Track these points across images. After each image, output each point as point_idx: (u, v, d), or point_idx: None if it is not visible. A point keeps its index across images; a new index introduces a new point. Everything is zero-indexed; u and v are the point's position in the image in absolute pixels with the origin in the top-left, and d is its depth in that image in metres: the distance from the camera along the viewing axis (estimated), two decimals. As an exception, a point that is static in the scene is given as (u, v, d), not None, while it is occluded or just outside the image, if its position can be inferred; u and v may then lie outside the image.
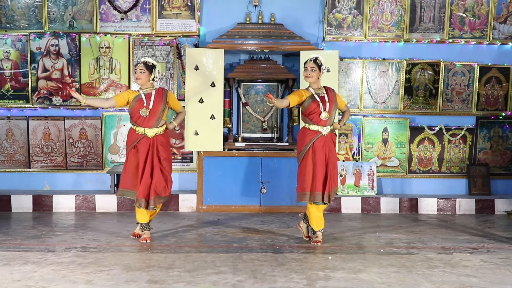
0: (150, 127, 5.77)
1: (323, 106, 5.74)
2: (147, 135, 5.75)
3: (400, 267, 4.76)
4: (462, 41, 8.38)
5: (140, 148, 5.74)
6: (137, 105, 5.73)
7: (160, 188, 5.76)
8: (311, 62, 5.77)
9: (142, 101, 5.74)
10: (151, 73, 5.83)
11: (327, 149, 5.79)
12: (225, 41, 7.85)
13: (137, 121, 5.75)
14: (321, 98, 5.78)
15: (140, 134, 5.75)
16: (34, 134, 8.13)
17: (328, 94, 5.84)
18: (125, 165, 5.84)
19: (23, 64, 8.12)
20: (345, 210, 7.98)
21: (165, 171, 5.84)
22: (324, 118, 5.73)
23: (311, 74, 5.77)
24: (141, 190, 5.70)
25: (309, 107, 5.76)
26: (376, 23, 8.31)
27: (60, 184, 8.23)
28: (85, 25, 8.14)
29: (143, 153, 5.73)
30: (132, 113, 5.77)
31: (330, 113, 5.76)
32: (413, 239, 6.02)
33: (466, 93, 8.42)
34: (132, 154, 5.81)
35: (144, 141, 5.75)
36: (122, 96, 5.81)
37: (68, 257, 4.99)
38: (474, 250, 5.49)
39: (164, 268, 4.62)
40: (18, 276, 4.35)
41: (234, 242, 5.74)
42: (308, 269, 4.63)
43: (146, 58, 5.89)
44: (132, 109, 5.75)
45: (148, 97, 5.78)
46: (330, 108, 5.76)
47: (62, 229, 6.43)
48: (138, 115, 5.74)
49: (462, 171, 8.50)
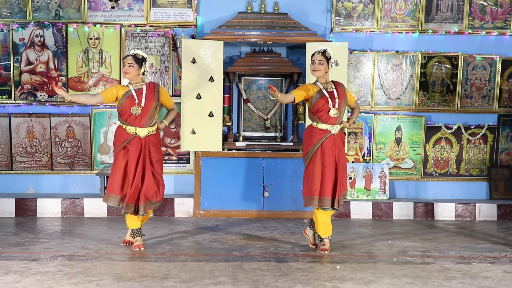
0: (142, 127, 5.76)
1: (332, 102, 5.74)
2: (138, 135, 5.74)
3: (415, 277, 4.76)
4: (482, 32, 8.37)
5: (131, 149, 5.73)
6: (127, 102, 5.70)
7: (151, 193, 5.76)
8: (319, 55, 5.77)
9: (133, 98, 5.71)
10: (140, 67, 5.81)
11: (337, 150, 5.80)
12: (224, 32, 7.86)
13: (128, 119, 5.73)
14: (329, 94, 5.77)
15: (130, 133, 5.73)
16: (17, 133, 8.14)
17: (338, 89, 5.84)
18: (113, 167, 5.81)
19: (5, 57, 8.12)
20: (354, 216, 7.98)
21: (157, 174, 5.84)
22: (333, 115, 5.73)
23: (319, 67, 5.76)
24: (130, 194, 5.69)
25: (317, 104, 5.76)
26: (389, 13, 8.31)
27: (45, 187, 8.23)
28: (73, 14, 8.14)
29: (134, 154, 5.72)
30: (122, 111, 5.74)
31: (339, 110, 5.76)
32: (428, 248, 6.02)
33: (487, 89, 8.42)
34: (121, 155, 5.78)
35: (136, 141, 5.73)
36: (110, 92, 5.78)
37: (54, 266, 4.99)
38: (496, 260, 5.49)
39: (158, 278, 4.63)
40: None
41: (234, 250, 5.75)
42: (314, 280, 4.64)
43: (135, 50, 5.88)
44: (122, 106, 5.72)
45: (139, 93, 5.76)
46: (339, 104, 5.76)
47: (47, 236, 6.44)
48: (129, 113, 5.72)
49: (483, 174, 8.49)
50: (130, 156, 5.73)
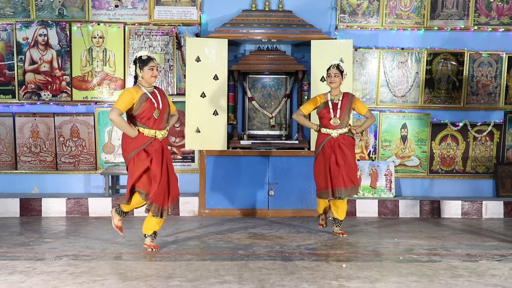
0: (161, 129, 5.73)
1: (333, 113, 6.44)
2: (157, 138, 5.70)
3: (421, 276, 4.75)
4: (488, 28, 8.36)
5: (153, 151, 5.64)
6: (147, 105, 5.63)
7: (175, 194, 5.75)
8: (334, 69, 6.40)
9: (151, 101, 5.67)
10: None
11: (337, 150, 6.43)
12: (228, 30, 7.86)
13: (147, 122, 5.65)
14: (334, 105, 6.45)
15: (150, 136, 5.68)
16: (21, 132, 8.16)
17: (343, 100, 6.46)
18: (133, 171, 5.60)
19: (9, 56, 8.15)
20: (360, 214, 7.98)
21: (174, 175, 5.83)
22: (334, 124, 6.44)
23: (335, 79, 6.41)
24: (162, 197, 5.61)
25: (320, 112, 6.51)
26: (394, 9, 8.30)
27: (49, 186, 8.26)
28: (76, 13, 8.16)
29: (157, 157, 5.66)
30: (141, 114, 5.64)
31: (341, 119, 6.44)
32: (435, 246, 6.01)
33: (493, 86, 8.40)
34: (142, 158, 5.64)
35: (156, 143, 5.68)
36: (128, 100, 5.60)
37: (59, 266, 5.00)
38: (503, 258, 5.48)
39: (163, 278, 4.63)
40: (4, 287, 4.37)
41: (239, 249, 5.75)
42: (320, 278, 4.63)
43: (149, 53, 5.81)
44: (142, 110, 5.62)
45: (154, 96, 5.71)
46: (341, 115, 6.44)
47: (52, 236, 6.45)
48: (148, 116, 5.64)
49: (489, 171, 8.48)
50: (154, 159, 5.64)
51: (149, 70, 5.63)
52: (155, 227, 5.78)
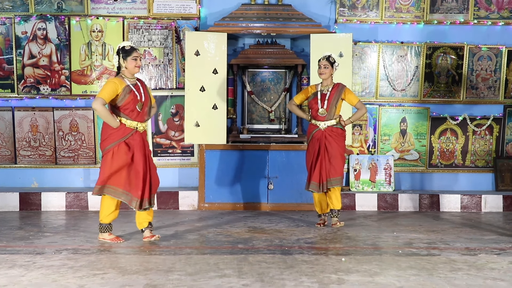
0: (142, 122, 5.74)
1: (321, 103, 6.53)
2: (138, 130, 5.72)
3: (420, 269, 4.76)
4: (488, 22, 8.35)
5: (134, 143, 5.66)
6: (131, 97, 5.65)
7: (156, 184, 5.79)
8: (324, 60, 6.54)
9: (134, 93, 5.67)
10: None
11: (324, 142, 6.54)
12: (228, 24, 7.85)
13: (130, 114, 5.67)
14: (322, 95, 6.55)
15: (131, 128, 5.68)
16: (20, 127, 8.16)
17: (332, 91, 6.55)
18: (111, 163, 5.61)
19: (7, 50, 8.14)
20: (359, 208, 7.99)
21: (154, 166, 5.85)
22: (321, 114, 6.54)
23: (324, 71, 6.54)
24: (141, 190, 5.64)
25: (310, 103, 6.67)
26: (394, 3, 8.29)
27: (49, 180, 8.26)
28: (75, 7, 8.15)
29: (139, 149, 5.68)
30: (124, 106, 5.65)
31: (328, 110, 6.52)
32: (434, 239, 6.02)
33: (493, 79, 8.40)
34: (122, 152, 5.66)
35: (137, 136, 5.69)
36: (112, 91, 5.60)
37: (59, 260, 5.01)
38: (502, 251, 5.49)
39: (163, 271, 4.64)
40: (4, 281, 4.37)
41: (239, 243, 5.76)
42: (319, 272, 4.64)
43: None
44: (125, 101, 5.63)
45: (137, 88, 5.72)
46: (328, 105, 6.52)
47: (51, 230, 6.46)
48: (132, 108, 5.66)
49: (488, 165, 8.48)
50: (137, 151, 5.67)
51: (133, 60, 5.64)
52: (148, 219, 5.81)
